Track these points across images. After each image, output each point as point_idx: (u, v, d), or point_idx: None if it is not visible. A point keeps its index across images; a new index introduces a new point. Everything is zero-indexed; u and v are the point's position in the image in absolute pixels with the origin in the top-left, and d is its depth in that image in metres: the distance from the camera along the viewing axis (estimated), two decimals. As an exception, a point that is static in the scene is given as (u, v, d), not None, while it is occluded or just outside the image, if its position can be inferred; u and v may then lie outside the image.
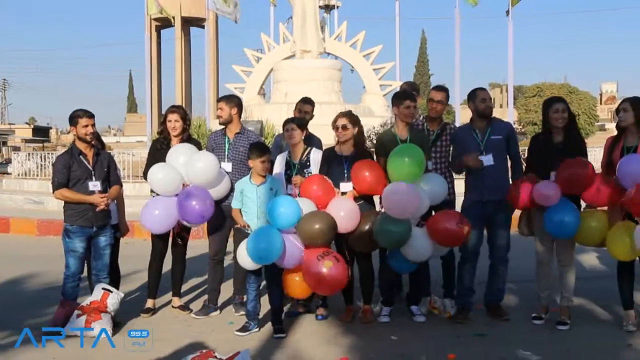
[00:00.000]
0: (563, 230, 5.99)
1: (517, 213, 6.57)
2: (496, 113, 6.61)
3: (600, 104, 65.10)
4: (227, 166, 6.73)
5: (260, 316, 6.25)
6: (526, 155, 6.62)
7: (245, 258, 5.87)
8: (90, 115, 6.18)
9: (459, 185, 6.71)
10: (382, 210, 6.13)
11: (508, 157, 6.56)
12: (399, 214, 5.89)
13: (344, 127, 6.30)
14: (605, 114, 60.99)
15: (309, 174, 6.36)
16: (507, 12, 23.28)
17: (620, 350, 5.58)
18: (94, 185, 6.13)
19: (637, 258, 6.03)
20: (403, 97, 6.51)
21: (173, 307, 6.91)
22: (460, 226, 5.92)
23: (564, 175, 5.94)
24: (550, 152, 6.13)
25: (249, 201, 6.04)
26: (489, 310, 6.58)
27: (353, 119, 6.35)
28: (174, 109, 6.89)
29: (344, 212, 6.01)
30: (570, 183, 5.93)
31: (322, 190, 6.10)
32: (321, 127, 7.37)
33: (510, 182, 6.51)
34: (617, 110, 6.13)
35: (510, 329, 6.17)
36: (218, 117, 6.86)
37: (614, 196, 5.89)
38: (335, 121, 6.37)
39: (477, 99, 6.41)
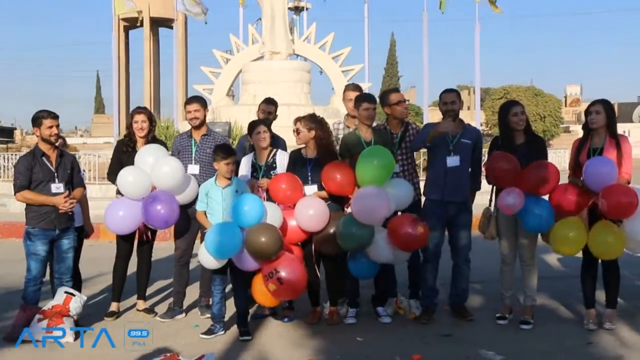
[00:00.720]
0: (542, 224, 6.07)
1: (478, 215, 6.62)
2: (464, 114, 6.67)
3: (565, 106, 65.84)
4: (195, 168, 6.68)
5: (226, 319, 6.22)
6: (486, 158, 6.69)
7: (205, 255, 5.84)
8: (55, 116, 6.08)
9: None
10: (348, 211, 6.14)
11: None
12: (366, 219, 5.90)
13: (297, 131, 6.33)
14: (570, 116, 61.74)
15: (272, 178, 6.33)
16: (494, 6, 23.37)
17: (582, 349, 5.66)
18: (57, 187, 6.04)
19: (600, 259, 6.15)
20: (362, 99, 6.54)
21: (138, 310, 6.84)
22: (417, 229, 5.95)
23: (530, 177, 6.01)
24: (514, 154, 6.18)
25: (214, 203, 5.99)
26: (454, 310, 6.62)
27: (309, 122, 6.33)
28: (140, 109, 6.84)
29: (313, 211, 6.01)
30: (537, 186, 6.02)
31: (290, 189, 6.10)
32: (290, 128, 7.34)
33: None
34: (588, 112, 6.19)
35: (475, 329, 6.23)
36: (194, 119, 6.73)
37: (581, 199, 5.97)
38: (293, 124, 6.40)
39: (441, 101, 6.50)
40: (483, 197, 6.77)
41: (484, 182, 6.66)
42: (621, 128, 6.47)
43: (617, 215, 5.81)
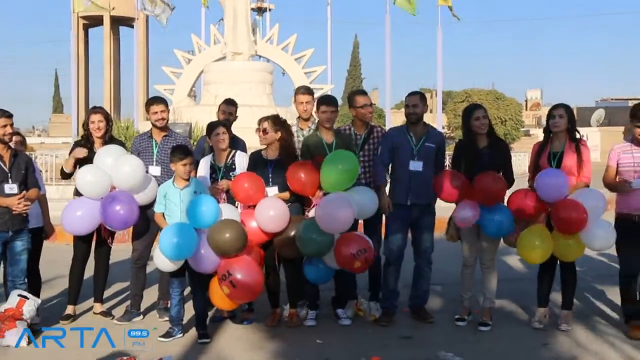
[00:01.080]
0: (502, 229, 6.15)
1: (444, 218, 6.65)
2: (426, 117, 6.70)
3: (526, 109, 66.72)
4: (156, 170, 6.60)
5: (185, 321, 6.15)
6: (450, 161, 6.74)
7: (160, 258, 5.77)
8: (8, 115, 5.94)
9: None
10: (310, 215, 6.12)
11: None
12: (328, 228, 5.88)
13: (264, 131, 6.28)
14: (530, 120, 62.61)
15: (234, 177, 6.27)
16: (454, 15, 23.70)
17: (537, 350, 5.73)
18: (10, 188, 5.89)
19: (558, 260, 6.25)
20: (321, 101, 6.56)
21: (95, 313, 6.73)
22: (354, 264, 5.92)
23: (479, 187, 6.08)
24: (477, 157, 6.24)
25: (172, 205, 5.91)
26: (414, 312, 6.65)
27: (276, 123, 6.30)
28: (97, 109, 6.74)
29: (274, 212, 5.98)
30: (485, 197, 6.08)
31: (253, 189, 6.05)
32: (252, 129, 7.29)
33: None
34: (550, 116, 6.25)
35: (434, 331, 6.27)
36: (160, 119, 6.64)
37: (539, 205, 6.04)
38: (258, 124, 6.35)
39: (405, 104, 6.55)
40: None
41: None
42: (580, 132, 6.58)
43: (568, 230, 5.88)
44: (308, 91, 7.00)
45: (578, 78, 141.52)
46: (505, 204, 6.19)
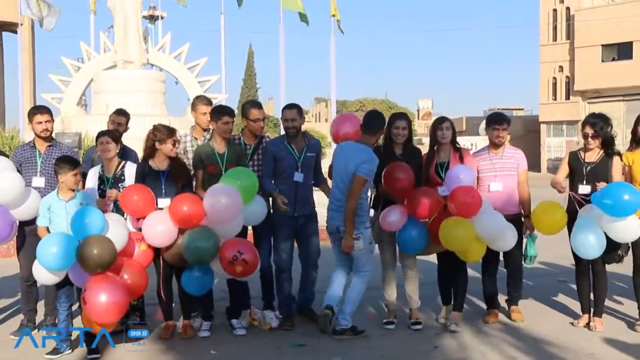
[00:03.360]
0: (413, 246, 6.39)
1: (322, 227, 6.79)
2: (321, 127, 6.85)
3: (418, 119, 68.71)
4: (40, 181, 6.35)
5: (73, 337, 5.96)
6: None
7: (38, 269, 5.55)
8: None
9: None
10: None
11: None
12: (217, 217, 5.83)
13: (175, 142, 6.22)
14: (422, 129, 64.49)
15: (124, 189, 6.14)
16: (340, 28, 24.04)
17: (428, 353, 5.89)
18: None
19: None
20: (221, 112, 6.48)
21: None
22: (236, 268, 5.90)
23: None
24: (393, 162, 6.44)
25: (58, 218, 5.69)
26: (302, 313, 6.78)
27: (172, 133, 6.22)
28: None
29: (162, 227, 5.87)
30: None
31: (142, 201, 5.92)
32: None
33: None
34: (438, 128, 6.56)
35: (329, 338, 6.26)
36: (45, 130, 6.40)
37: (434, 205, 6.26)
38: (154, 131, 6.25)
39: (282, 117, 6.66)
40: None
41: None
42: (469, 141, 7.06)
43: (465, 211, 6.13)
44: (209, 102, 6.97)
45: (467, 89, 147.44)
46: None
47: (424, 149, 6.87)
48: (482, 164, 6.64)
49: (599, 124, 6.33)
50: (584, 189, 6.35)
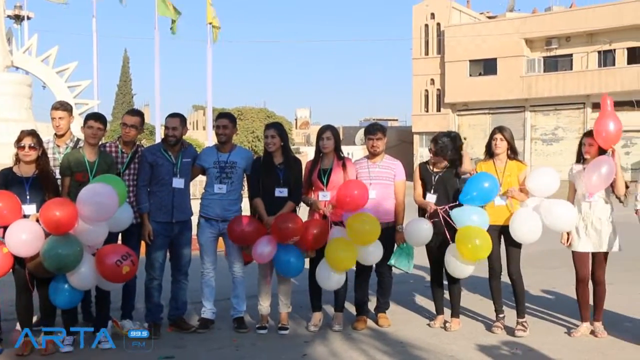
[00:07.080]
0: (296, 269, 6.54)
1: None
2: (198, 134, 6.82)
3: (296, 128, 69.27)
4: None
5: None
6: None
7: None
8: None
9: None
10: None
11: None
12: (94, 209, 5.66)
13: (29, 147, 5.92)
14: (300, 138, 65.07)
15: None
16: (215, 36, 23.95)
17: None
18: None
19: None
20: (87, 117, 6.36)
21: None
22: (119, 263, 5.78)
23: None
24: (272, 172, 6.57)
25: None
26: (174, 324, 6.75)
27: (37, 139, 6.01)
28: None
29: (26, 236, 5.59)
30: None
31: (7, 208, 5.63)
32: (9, 145, 6.73)
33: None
34: (320, 138, 6.76)
35: (197, 349, 6.23)
36: None
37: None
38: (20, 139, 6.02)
39: (165, 125, 6.65)
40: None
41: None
42: (345, 150, 7.22)
43: (349, 206, 6.40)
44: (63, 106, 6.70)
45: (344, 99, 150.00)
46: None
47: (303, 159, 7.02)
48: (360, 172, 6.88)
49: (439, 145, 6.65)
50: (431, 197, 6.69)
